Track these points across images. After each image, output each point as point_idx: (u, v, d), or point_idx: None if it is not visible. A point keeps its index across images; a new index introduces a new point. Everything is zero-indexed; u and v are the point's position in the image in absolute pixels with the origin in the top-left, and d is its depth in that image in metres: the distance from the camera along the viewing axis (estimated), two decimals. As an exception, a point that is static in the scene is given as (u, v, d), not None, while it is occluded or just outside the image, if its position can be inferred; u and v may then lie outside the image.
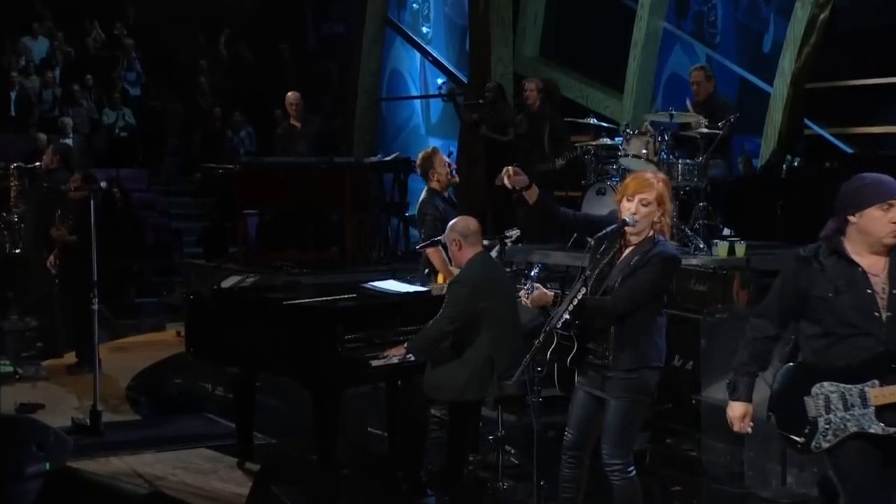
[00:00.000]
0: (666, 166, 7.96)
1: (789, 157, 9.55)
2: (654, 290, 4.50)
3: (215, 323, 6.35)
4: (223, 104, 15.98)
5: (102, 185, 8.12)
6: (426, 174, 7.07)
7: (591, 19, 12.32)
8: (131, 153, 15.45)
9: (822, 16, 9.88)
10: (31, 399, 7.78)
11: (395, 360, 5.64)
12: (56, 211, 8.86)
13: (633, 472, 4.56)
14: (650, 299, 4.49)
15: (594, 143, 9.09)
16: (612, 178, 8.63)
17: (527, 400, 5.67)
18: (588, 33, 12.29)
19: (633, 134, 8.36)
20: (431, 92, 14.25)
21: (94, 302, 7.15)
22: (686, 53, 11.45)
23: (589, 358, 4.54)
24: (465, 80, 13.54)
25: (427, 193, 7.04)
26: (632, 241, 4.51)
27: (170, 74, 16.94)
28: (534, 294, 4.46)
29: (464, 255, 5.70)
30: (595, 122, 9.64)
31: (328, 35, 17.45)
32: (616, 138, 8.92)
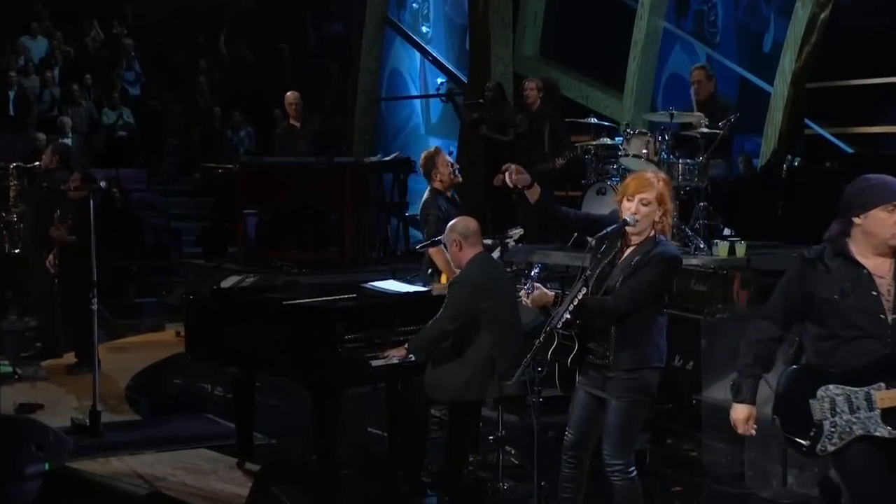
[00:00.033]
0: (666, 166, 7.94)
1: (790, 157, 9.53)
2: (655, 290, 4.49)
3: (215, 323, 6.34)
4: (223, 104, 15.98)
5: (102, 184, 8.11)
6: (429, 174, 7.04)
7: (591, 19, 12.31)
8: (131, 153, 15.43)
9: (822, 15, 9.86)
10: (31, 399, 7.77)
11: (395, 361, 5.64)
12: (55, 211, 8.84)
13: (634, 472, 4.55)
14: (651, 299, 4.47)
15: (594, 143, 9.07)
16: (612, 178, 8.62)
17: (527, 400, 5.66)
18: (588, 33, 12.28)
19: (634, 133, 8.34)
20: (431, 92, 14.24)
21: (94, 302, 7.14)
22: (686, 53, 11.44)
23: (589, 358, 4.53)
24: (464, 79, 13.53)
25: (430, 193, 7.01)
26: (633, 241, 4.50)
27: (169, 74, 16.93)
28: (534, 294, 4.46)
29: (464, 255, 5.69)
30: (595, 122, 9.63)
31: (328, 35, 17.44)
32: (616, 138, 8.91)
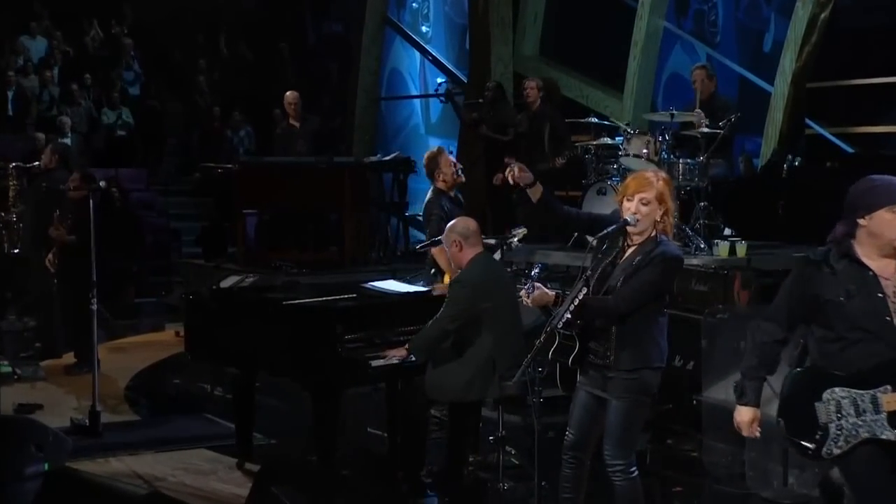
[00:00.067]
0: (667, 166, 7.94)
1: (790, 157, 9.52)
2: (656, 290, 4.48)
3: (214, 323, 6.32)
4: (222, 103, 15.97)
5: (101, 184, 8.10)
6: (432, 174, 7.04)
7: (591, 18, 12.30)
8: (130, 153, 15.40)
9: (822, 15, 9.85)
10: (30, 399, 7.77)
11: (395, 361, 5.63)
12: (54, 211, 8.83)
13: (636, 472, 4.55)
14: (652, 299, 4.47)
15: (594, 143, 9.07)
16: (612, 178, 8.61)
17: (528, 400, 5.65)
18: (588, 32, 12.26)
19: (634, 133, 8.33)
20: (431, 91, 14.22)
21: (93, 302, 7.13)
22: (686, 53, 11.43)
23: (590, 358, 4.53)
24: (464, 79, 13.52)
25: (433, 193, 7.00)
26: (635, 241, 4.49)
27: (169, 74, 16.91)
28: (535, 294, 4.45)
29: (464, 255, 5.68)
30: (596, 122, 9.62)
31: (327, 34, 17.43)
32: (616, 138, 8.90)
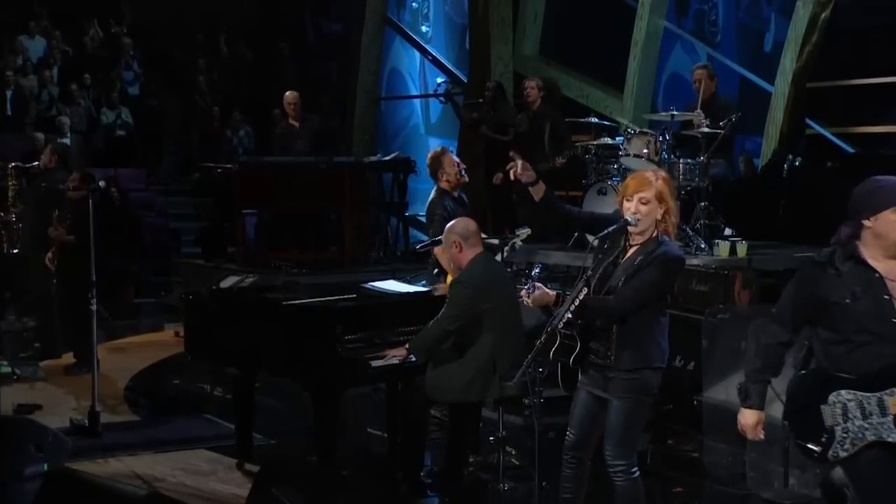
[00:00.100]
0: (667, 166, 7.93)
1: (790, 157, 9.50)
2: (658, 291, 4.47)
3: (214, 323, 6.31)
4: (222, 103, 15.96)
5: (100, 184, 8.10)
6: (435, 174, 7.03)
7: (591, 18, 12.29)
8: (129, 152, 15.41)
9: (823, 15, 9.84)
10: (29, 400, 7.76)
11: (395, 361, 5.62)
12: (54, 210, 8.82)
13: (637, 472, 4.54)
14: (653, 299, 4.45)
15: (595, 143, 9.05)
16: (612, 178, 8.60)
17: (528, 401, 5.64)
18: (588, 32, 12.25)
19: (635, 133, 8.32)
20: (431, 91, 14.22)
21: (93, 302, 7.12)
22: (687, 52, 11.41)
23: (591, 357, 4.52)
24: (464, 79, 13.51)
25: (436, 193, 6.99)
26: (636, 241, 4.48)
27: (168, 73, 16.89)
28: (535, 294, 4.44)
29: (464, 256, 5.67)
30: (596, 122, 9.60)
31: (327, 34, 17.42)
32: (617, 137, 8.89)
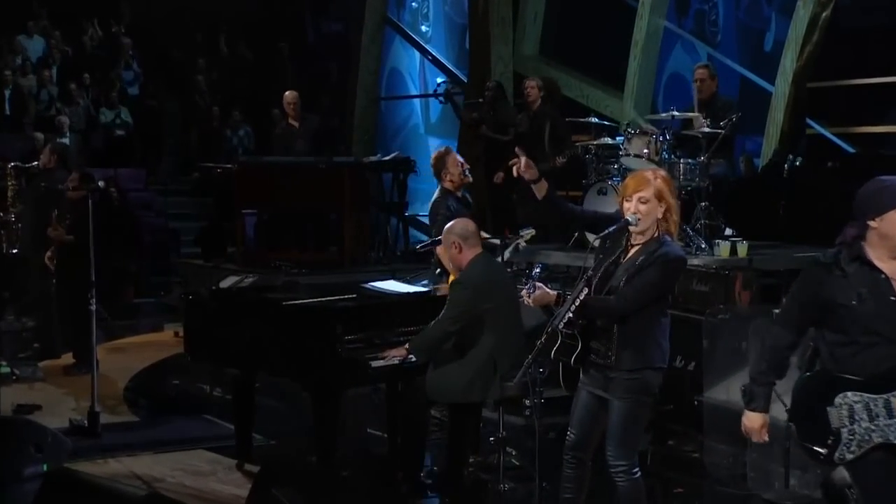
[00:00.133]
0: (667, 166, 7.91)
1: (791, 157, 9.49)
2: (659, 291, 4.46)
3: (214, 323, 6.30)
4: (221, 103, 15.95)
5: (100, 184, 8.08)
6: (439, 174, 7.04)
7: (591, 18, 12.28)
8: (129, 152, 15.39)
9: (823, 14, 9.82)
10: (29, 400, 7.74)
11: (395, 361, 5.61)
12: (53, 210, 8.81)
13: (638, 473, 4.54)
14: (654, 300, 4.45)
15: (595, 143, 9.04)
16: (613, 178, 8.58)
17: (529, 401, 5.62)
18: (588, 32, 12.24)
19: (635, 133, 8.31)
20: (431, 91, 14.21)
21: (92, 302, 7.11)
22: (687, 52, 11.40)
23: (592, 357, 4.51)
24: (464, 78, 13.50)
25: (440, 193, 7.00)
26: (638, 241, 4.48)
27: (168, 73, 16.88)
28: (536, 293, 4.44)
29: (464, 257, 5.66)
30: (596, 122, 9.59)
31: (327, 33, 17.41)
32: (617, 137, 8.87)
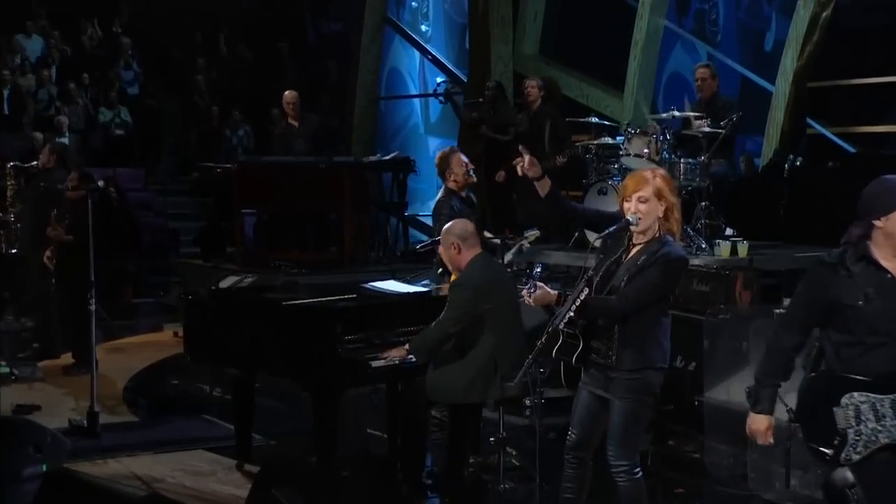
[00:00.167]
0: (668, 166, 7.90)
1: (791, 157, 9.49)
2: (660, 291, 4.45)
3: (213, 324, 6.29)
4: (221, 103, 15.94)
5: (99, 184, 8.08)
6: (443, 174, 7.04)
7: (591, 17, 12.27)
8: (128, 152, 15.38)
9: (824, 14, 9.82)
10: (28, 400, 7.73)
11: (395, 362, 5.61)
12: (52, 210, 8.80)
13: (640, 473, 4.53)
14: (655, 300, 4.44)
15: (595, 143, 9.03)
16: (613, 178, 8.58)
17: (529, 401, 5.61)
18: (588, 32, 12.24)
19: (635, 133, 8.30)
20: (431, 91, 14.20)
21: (91, 302, 7.10)
22: (687, 52, 11.40)
23: (593, 357, 4.50)
24: (464, 78, 13.49)
25: (444, 193, 7.00)
26: (640, 241, 4.47)
27: (167, 73, 16.87)
28: (537, 293, 4.44)
29: (463, 257, 5.65)
30: (596, 121, 9.58)
31: (327, 33, 17.41)
32: (617, 137, 8.87)
